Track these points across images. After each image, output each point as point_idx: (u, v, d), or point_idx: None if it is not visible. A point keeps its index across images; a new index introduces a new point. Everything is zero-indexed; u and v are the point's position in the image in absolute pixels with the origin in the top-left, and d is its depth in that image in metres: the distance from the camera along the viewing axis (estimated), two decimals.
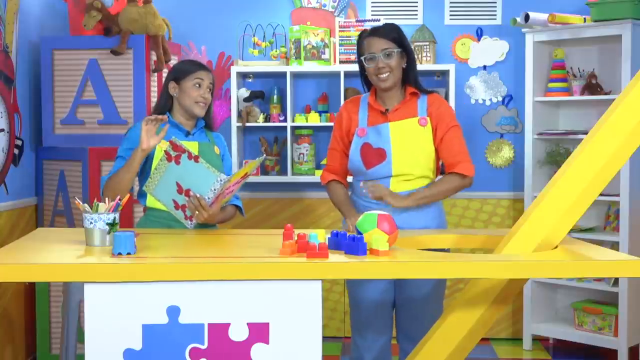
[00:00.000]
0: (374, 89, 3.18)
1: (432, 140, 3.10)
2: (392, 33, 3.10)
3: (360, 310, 3.18)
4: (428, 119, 3.10)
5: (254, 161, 2.92)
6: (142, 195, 3.17)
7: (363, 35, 3.15)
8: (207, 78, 3.19)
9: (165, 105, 3.22)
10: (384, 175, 3.10)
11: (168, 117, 3.18)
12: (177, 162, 2.93)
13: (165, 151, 2.94)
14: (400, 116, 3.12)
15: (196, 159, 2.90)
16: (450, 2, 5.01)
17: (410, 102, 3.14)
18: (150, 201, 3.13)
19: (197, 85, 3.16)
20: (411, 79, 3.15)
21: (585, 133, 4.43)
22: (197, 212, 2.93)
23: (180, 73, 3.18)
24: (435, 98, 3.16)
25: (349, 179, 3.30)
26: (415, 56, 3.20)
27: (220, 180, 2.88)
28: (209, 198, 2.92)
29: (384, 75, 3.07)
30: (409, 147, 3.08)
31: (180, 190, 2.96)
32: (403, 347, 3.20)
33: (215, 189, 2.89)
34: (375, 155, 3.11)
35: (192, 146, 3.13)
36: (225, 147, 3.33)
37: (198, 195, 2.91)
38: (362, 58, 3.11)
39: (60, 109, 4.39)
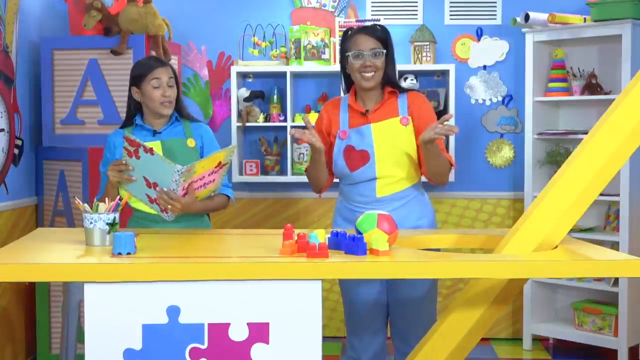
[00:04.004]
0: (353, 89, 3.16)
1: (414, 140, 3.08)
2: (380, 33, 3.09)
3: (354, 312, 3.18)
4: (409, 117, 3.09)
5: (224, 150, 2.92)
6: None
7: (350, 32, 3.11)
8: (164, 74, 3.12)
9: (135, 111, 3.20)
10: (369, 177, 3.08)
11: (135, 120, 3.18)
12: (137, 157, 2.91)
13: (124, 147, 2.94)
14: (381, 116, 3.10)
15: (151, 151, 2.88)
16: (450, 2, 5.00)
17: (389, 102, 3.12)
18: (132, 200, 3.12)
19: (156, 85, 3.11)
20: (390, 80, 3.13)
21: (585, 133, 4.43)
22: (169, 205, 2.94)
23: (137, 77, 3.14)
24: (415, 96, 3.14)
25: (335, 180, 3.28)
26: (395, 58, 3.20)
27: (178, 171, 2.85)
28: (173, 189, 2.91)
29: (369, 74, 3.04)
30: (392, 148, 3.06)
31: (149, 184, 2.95)
32: (397, 346, 3.22)
33: (176, 180, 2.88)
34: (359, 157, 3.08)
35: (154, 146, 3.07)
36: (208, 137, 3.24)
37: (165, 189, 2.91)
38: (349, 54, 3.07)
39: (60, 109, 4.39)
